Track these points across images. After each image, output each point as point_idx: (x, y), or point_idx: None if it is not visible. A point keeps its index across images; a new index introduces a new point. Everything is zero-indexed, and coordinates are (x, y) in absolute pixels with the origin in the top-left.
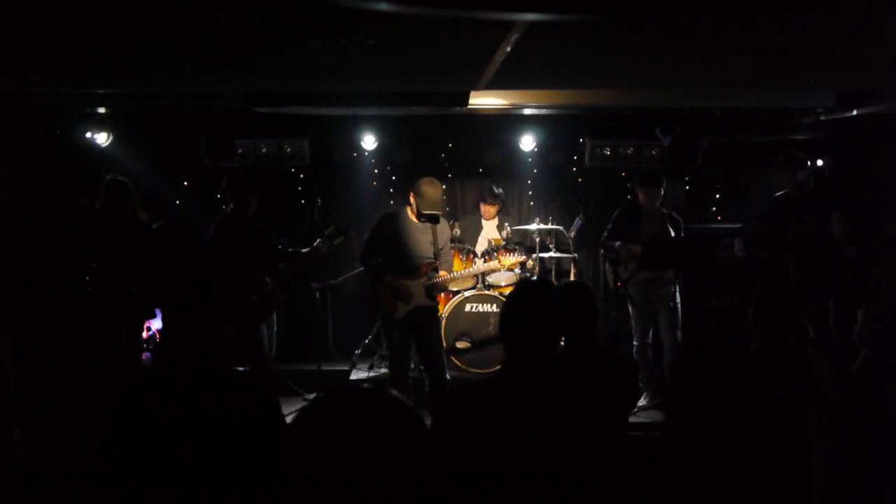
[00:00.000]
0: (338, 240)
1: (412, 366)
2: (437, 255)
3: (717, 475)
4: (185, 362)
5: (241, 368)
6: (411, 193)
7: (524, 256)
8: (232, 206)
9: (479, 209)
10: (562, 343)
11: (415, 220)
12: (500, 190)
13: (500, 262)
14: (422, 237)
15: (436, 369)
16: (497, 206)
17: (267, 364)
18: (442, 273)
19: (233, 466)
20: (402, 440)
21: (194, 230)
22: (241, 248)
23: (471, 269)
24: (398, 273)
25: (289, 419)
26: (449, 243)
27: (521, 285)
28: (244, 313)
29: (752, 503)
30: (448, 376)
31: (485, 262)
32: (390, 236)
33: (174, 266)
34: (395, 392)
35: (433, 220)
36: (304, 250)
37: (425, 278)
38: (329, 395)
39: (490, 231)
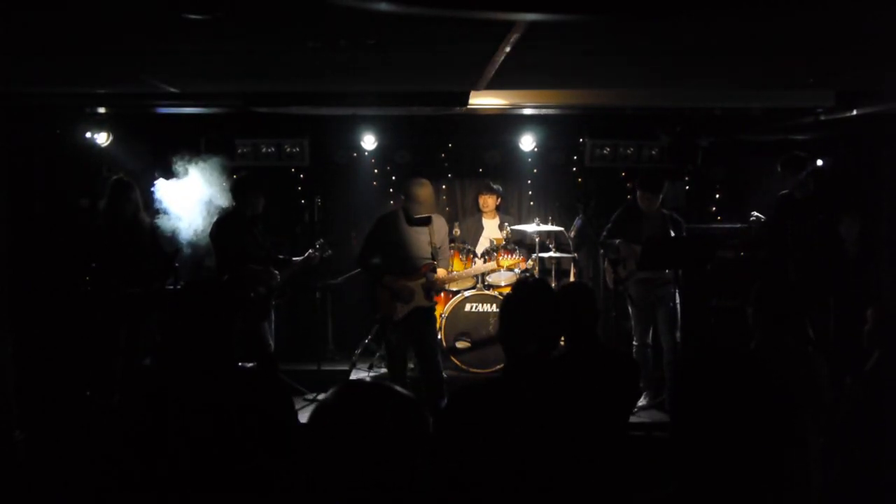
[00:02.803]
0: (327, 252)
1: (410, 365)
2: (434, 255)
3: (722, 475)
4: (193, 360)
5: (248, 365)
6: (403, 196)
7: (522, 258)
8: (233, 204)
9: (479, 207)
10: (562, 343)
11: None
12: (498, 186)
13: (498, 262)
14: (419, 237)
15: (431, 369)
16: (495, 198)
17: (273, 360)
18: (440, 272)
19: (245, 462)
20: (410, 435)
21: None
22: (241, 248)
23: (469, 270)
24: (396, 274)
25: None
26: (447, 242)
27: (519, 286)
28: (245, 310)
29: (752, 502)
30: (445, 375)
31: (484, 262)
32: (387, 238)
33: (172, 265)
34: (399, 388)
35: (424, 222)
36: (295, 259)
37: (424, 279)
38: (341, 391)
39: (492, 231)
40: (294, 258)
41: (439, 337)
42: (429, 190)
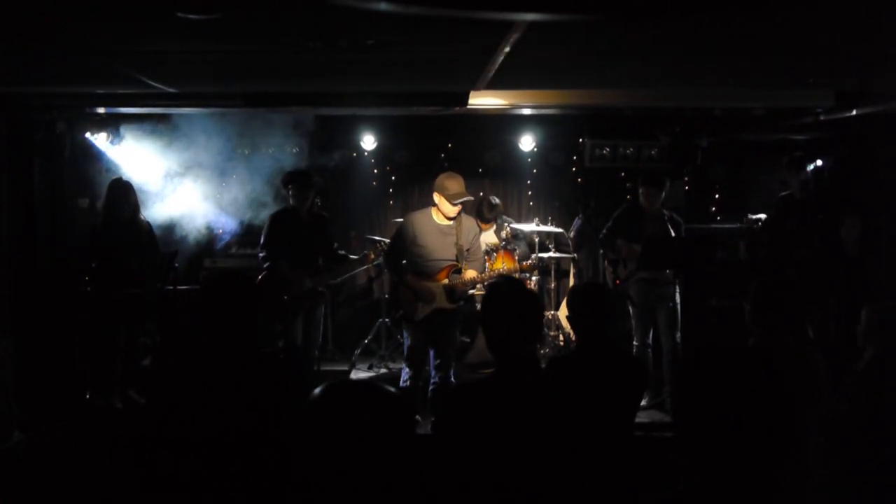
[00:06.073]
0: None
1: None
2: (460, 256)
3: (726, 474)
4: (216, 351)
5: (269, 359)
6: (434, 192)
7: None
8: (291, 201)
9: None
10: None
11: (439, 220)
12: (498, 201)
13: (521, 266)
14: (445, 238)
15: (444, 371)
16: (493, 226)
17: (293, 356)
18: (468, 274)
19: (253, 454)
20: (396, 431)
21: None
22: (274, 242)
23: (496, 271)
24: (420, 275)
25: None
26: (478, 244)
27: (499, 287)
28: (277, 307)
29: (753, 501)
30: (452, 379)
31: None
32: (413, 237)
33: (171, 265)
34: (385, 386)
35: (466, 207)
36: (352, 256)
37: (447, 280)
38: (328, 390)
39: (487, 236)
40: (351, 256)
41: None
42: (459, 178)
